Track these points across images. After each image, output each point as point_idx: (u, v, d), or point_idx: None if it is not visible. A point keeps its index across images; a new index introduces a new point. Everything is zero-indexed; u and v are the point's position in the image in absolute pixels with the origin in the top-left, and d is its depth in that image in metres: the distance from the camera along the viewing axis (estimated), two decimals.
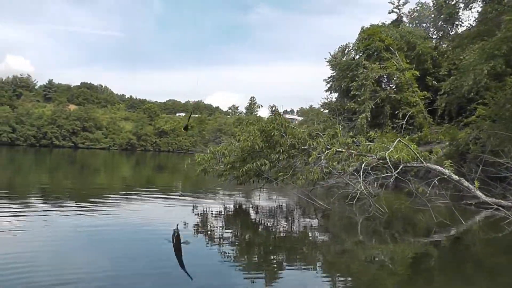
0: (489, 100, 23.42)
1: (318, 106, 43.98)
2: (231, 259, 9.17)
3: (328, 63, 39.69)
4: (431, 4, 38.24)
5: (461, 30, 35.51)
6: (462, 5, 31.33)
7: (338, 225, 14.61)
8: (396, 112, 32.78)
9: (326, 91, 40.87)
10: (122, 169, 46.64)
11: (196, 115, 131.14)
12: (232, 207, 17.50)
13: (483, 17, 25.49)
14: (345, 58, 38.37)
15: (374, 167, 16.80)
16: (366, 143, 17.82)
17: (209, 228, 12.71)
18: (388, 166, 15.88)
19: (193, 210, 15.88)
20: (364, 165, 15.94)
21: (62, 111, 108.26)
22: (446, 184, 17.55)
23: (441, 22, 37.57)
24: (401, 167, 16.17)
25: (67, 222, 12.08)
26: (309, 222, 15.11)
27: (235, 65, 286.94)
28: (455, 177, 16.44)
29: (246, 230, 13.11)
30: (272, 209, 17.41)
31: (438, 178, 16.37)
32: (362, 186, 15.29)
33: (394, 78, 34.05)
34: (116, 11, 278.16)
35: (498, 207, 15.65)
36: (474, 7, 29.72)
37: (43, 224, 11.70)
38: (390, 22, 40.07)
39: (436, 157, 17.20)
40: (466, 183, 16.46)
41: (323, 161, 16.38)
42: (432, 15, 38.07)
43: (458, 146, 22.72)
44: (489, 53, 21.75)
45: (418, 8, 39.50)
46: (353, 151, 17.07)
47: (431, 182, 16.41)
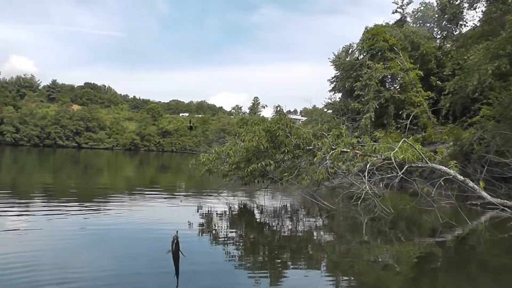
0: (493, 100, 23.38)
1: (322, 106, 43.94)
2: (236, 259, 9.16)
3: (332, 63, 39.63)
4: (435, 4, 38.30)
5: (465, 30, 35.55)
6: (467, 5, 31.36)
7: (343, 225, 14.57)
8: (400, 112, 32.69)
9: (330, 91, 40.82)
10: (126, 169, 46.67)
11: (199, 115, 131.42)
12: (236, 207, 17.48)
13: (488, 17, 25.45)
14: (349, 58, 38.25)
15: (378, 168, 16.78)
16: (371, 143, 17.79)
17: (213, 228, 12.72)
18: (393, 166, 15.86)
19: (197, 210, 15.89)
20: (369, 165, 15.91)
21: (65, 111, 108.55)
22: (450, 184, 17.50)
23: (445, 22, 37.52)
24: (406, 167, 16.13)
25: (70, 221, 12.12)
26: (314, 222, 15.06)
27: (239, 65, 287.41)
28: (460, 177, 16.40)
29: (250, 230, 13.12)
30: (276, 209, 17.38)
31: (443, 178, 16.32)
32: (367, 187, 15.27)
33: (398, 78, 33.97)
34: (119, 11, 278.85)
35: (503, 208, 15.60)
36: (479, 7, 29.70)
37: (47, 223, 11.73)
38: (394, 22, 39.99)
39: (441, 157, 17.13)
40: (471, 184, 16.42)
41: (328, 161, 16.36)
42: (436, 15, 37.99)
43: (462, 146, 22.65)
44: (493, 53, 21.74)
45: (422, 8, 39.38)
46: (358, 151, 17.05)
47: (436, 183, 16.38)
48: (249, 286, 7.53)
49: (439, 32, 39.20)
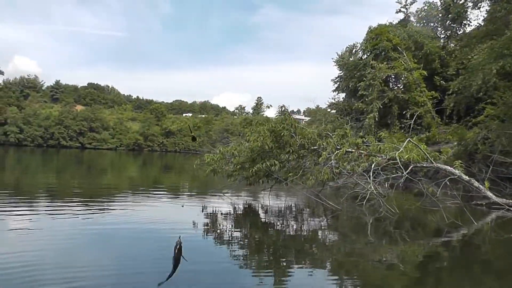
0: (497, 99, 23.31)
1: (325, 106, 43.94)
2: (241, 259, 9.16)
3: (335, 63, 39.59)
4: (439, 3, 38.15)
5: (469, 29, 35.40)
6: (471, 4, 31.25)
7: (348, 225, 14.55)
8: (404, 112, 32.68)
9: (333, 91, 40.83)
10: (129, 169, 46.70)
11: (203, 116, 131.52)
12: (241, 207, 17.50)
13: (492, 16, 25.36)
14: (352, 58, 38.23)
15: (383, 168, 16.76)
16: (376, 144, 17.77)
17: (218, 228, 12.72)
18: (398, 166, 15.85)
19: (202, 210, 15.91)
20: (374, 165, 15.89)
21: (69, 112, 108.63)
22: (455, 184, 17.47)
23: (449, 22, 37.44)
24: (411, 167, 16.11)
25: (74, 221, 12.14)
26: (318, 222, 15.06)
27: (241, 65, 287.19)
28: (466, 177, 16.39)
29: (255, 230, 13.11)
30: (281, 209, 17.37)
31: (448, 178, 16.30)
32: (372, 187, 15.25)
33: (402, 78, 33.99)
34: (121, 12, 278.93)
35: (509, 208, 15.58)
36: (483, 6, 29.60)
37: (50, 223, 11.75)
38: (398, 22, 39.91)
39: (446, 157, 17.11)
40: (477, 184, 16.39)
41: (333, 161, 16.35)
42: (439, 15, 37.87)
43: (466, 146, 22.59)
44: (498, 52, 21.66)
45: (425, 7, 39.33)
46: (363, 152, 17.04)
47: (440, 183, 16.36)
48: (254, 286, 7.53)
49: (443, 31, 39.15)
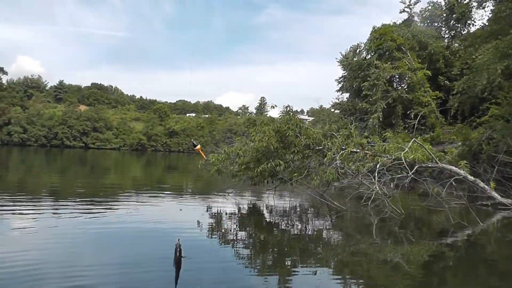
0: (502, 99, 23.27)
1: (329, 106, 43.92)
2: (245, 259, 9.16)
3: (339, 63, 39.65)
4: (443, 3, 38.12)
5: (473, 29, 35.36)
6: (475, 4, 31.20)
7: (352, 225, 14.49)
8: (408, 112, 32.68)
9: (337, 91, 40.89)
10: (133, 169, 46.69)
11: (206, 115, 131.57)
12: (245, 207, 17.47)
13: (497, 16, 25.30)
14: (356, 58, 38.27)
15: (388, 168, 16.72)
16: (381, 144, 17.74)
17: (222, 228, 12.69)
18: (403, 166, 15.82)
19: (206, 210, 15.90)
20: (379, 165, 15.86)
21: (72, 112, 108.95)
22: (459, 184, 17.43)
23: (453, 21, 37.40)
24: (416, 168, 16.08)
25: (78, 221, 12.14)
26: (323, 223, 15.02)
27: (245, 65, 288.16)
28: (471, 177, 16.35)
29: (260, 230, 13.09)
30: (286, 209, 17.35)
31: (453, 178, 16.26)
32: (377, 187, 15.21)
33: (406, 78, 33.95)
34: (125, 12, 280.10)
35: None
36: (487, 6, 29.54)
37: (53, 223, 11.77)
38: (402, 22, 39.92)
39: (451, 157, 17.08)
40: (482, 184, 16.35)
41: (338, 161, 16.32)
42: (444, 14, 37.85)
43: (471, 146, 22.55)
44: (502, 52, 21.61)
45: (429, 7, 39.23)
46: (368, 152, 17.01)
47: (445, 183, 16.33)
48: (258, 286, 7.53)
49: (447, 31, 39.09)
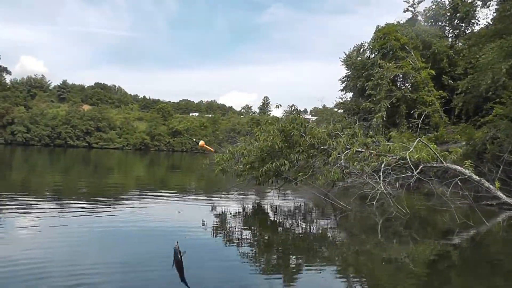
0: (506, 99, 23.21)
1: (332, 105, 43.86)
2: (250, 258, 9.19)
3: (343, 63, 39.57)
4: (447, 2, 37.98)
5: (477, 28, 35.24)
6: (480, 3, 31.10)
7: (357, 225, 14.50)
8: (411, 111, 32.58)
9: (341, 91, 40.82)
10: (136, 169, 46.75)
11: (209, 115, 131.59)
12: (250, 207, 17.50)
13: (501, 15, 25.23)
14: (360, 58, 38.17)
15: (392, 167, 16.69)
16: (386, 143, 17.70)
17: (227, 227, 12.73)
18: (408, 166, 15.79)
19: (211, 210, 15.89)
20: (384, 165, 15.83)
21: (76, 111, 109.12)
22: (464, 184, 17.38)
23: (457, 21, 37.30)
24: (421, 167, 16.05)
25: (82, 220, 12.17)
26: (328, 222, 15.03)
27: (248, 65, 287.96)
28: (476, 177, 16.31)
29: (264, 229, 13.10)
30: (290, 208, 17.37)
31: (458, 178, 16.23)
32: (382, 187, 15.18)
33: (410, 77, 33.86)
34: (128, 12, 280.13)
35: None
36: (492, 5, 29.46)
37: (57, 222, 11.79)
38: (405, 21, 39.73)
39: (456, 157, 17.04)
40: (487, 184, 16.31)
41: (343, 161, 16.30)
42: (447, 14, 37.70)
43: (475, 145, 22.53)
44: (507, 51, 21.58)
45: (433, 6, 39.04)
46: (372, 151, 16.99)
47: (449, 182, 16.30)
48: (263, 285, 7.54)
49: (451, 30, 38.94)
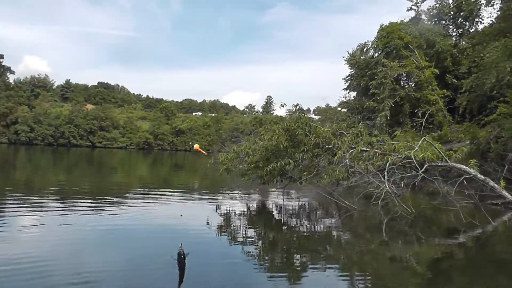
0: (510, 97, 23.15)
1: (336, 105, 43.84)
2: (254, 258, 9.20)
3: (346, 62, 39.56)
4: (450, 1, 37.91)
5: (481, 27, 35.16)
6: (484, 1, 31.05)
7: (362, 224, 14.46)
8: (415, 110, 32.60)
9: (344, 90, 40.82)
10: (140, 168, 46.82)
11: (212, 114, 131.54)
12: (254, 206, 17.48)
13: (505, 13, 25.19)
14: (364, 57, 38.15)
15: (397, 166, 16.63)
16: (391, 142, 17.65)
17: (231, 227, 12.74)
18: (413, 165, 15.74)
19: (216, 210, 15.89)
20: (389, 164, 15.78)
21: (79, 111, 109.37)
22: (468, 183, 17.32)
23: (461, 19, 37.21)
24: (426, 166, 16.00)
25: (85, 220, 12.22)
26: (332, 222, 15.01)
27: (252, 64, 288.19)
28: (481, 176, 16.25)
29: (269, 229, 13.10)
30: (294, 208, 17.35)
31: (463, 177, 16.19)
32: (387, 186, 15.14)
33: (413, 76, 33.80)
34: (131, 12, 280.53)
35: None
36: (496, 3, 29.40)
37: (61, 222, 11.81)
38: (409, 20, 39.69)
39: (461, 156, 16.98)
40: (492, 183, 16.25)
41: (348, 160, 16.26)
42: (451, 12, 37.63)
43: (479, 145, 22.49)
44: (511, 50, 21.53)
45: (437, 5, 39.00)
46: (377, 150, 16.96)
47: (453, 182, 16.25)
48: (268, 285, 7.55)
49: (455, 29, 38.87)
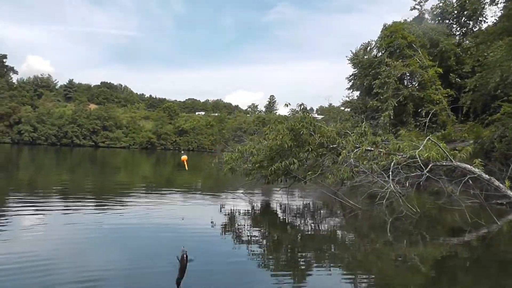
0: None
1: (339, 104, 43.75)
2: (258, 258, 9.21)
3: (349, 61, 39.46)
4: (454, 0, 37.80)
5: (485, 26, 35.04)
6: (488, 0, 30.94)
7: (367, 224, 14.46)
8: (419, 110, 32.45)
9: (348, 89, 40.68)
10: (143, 167, 46.89)
11: (215, 114, 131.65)
12: (258, 206, 17.50)
13: (509, 12, 25.11)
14: (367, 56, 38.04)
15: (401, 166, 16.61)
16: (395, 142, 17.63)
17: (236, 227, 12.75)
18: (417, 165, 15.72)
19: (220, 210, 15.90)
20: (393, 164, 15.76)
21: (82, 111, 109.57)
22: (473, 183, 17.27)
23: (464, 18, 37.10)
24: (430, 166, 15.96)
25: (88, 219, 12.24)
26: (337, 221, 15.01)
27: (254, 64, 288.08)
28: (486, 176, 16.21)
29: (273, 229, 13.10)
30: (299, 208, 17.36)
31: (468, 177, 16.15)
32: (391, 185, 15.12)
33: (417, 76, 33.69)
34: (134, 11, 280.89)
35: None
36: (500, 2, 29.31)
37: (64, 222, 11.85)
38: (412, 19, 39.55)
39: (465, 155, 16.94)
40: (497, 183, 16.22)
41: (352, 159, 16.25)
42: (455, 11, 37.51)
43: (483, 144, 22.43)
44: None
45: (440, 4, 38.84)
46: (382, 150, 16.94)
47: (457, 181, 16.22)
48: (272, 285, 7.53)
49: (458, 28, 38.68)
